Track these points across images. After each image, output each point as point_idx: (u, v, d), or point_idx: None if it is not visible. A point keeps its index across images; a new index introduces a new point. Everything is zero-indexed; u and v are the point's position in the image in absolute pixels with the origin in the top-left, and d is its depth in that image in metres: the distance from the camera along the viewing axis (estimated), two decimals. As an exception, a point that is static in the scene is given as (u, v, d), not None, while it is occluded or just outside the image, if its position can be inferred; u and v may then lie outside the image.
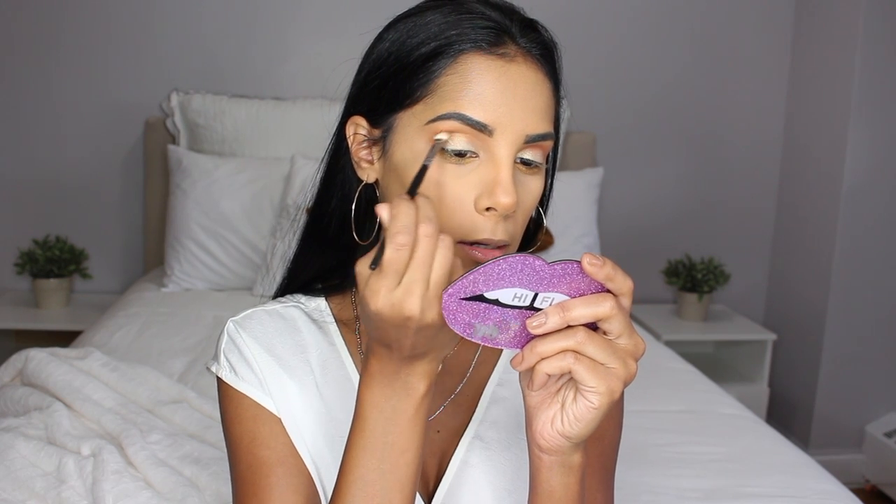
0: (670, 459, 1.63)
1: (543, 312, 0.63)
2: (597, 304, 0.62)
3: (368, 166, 0.78)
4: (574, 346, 0.62)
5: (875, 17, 2.67)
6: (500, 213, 0.70)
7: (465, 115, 0.70)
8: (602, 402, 0.63)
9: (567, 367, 0.62)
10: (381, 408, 0.67)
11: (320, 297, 0.87)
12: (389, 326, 0.62)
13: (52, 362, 1.64)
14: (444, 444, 0.83)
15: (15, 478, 1.31)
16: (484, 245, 0.71)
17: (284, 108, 2.72)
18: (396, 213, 0.60)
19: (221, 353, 0.82)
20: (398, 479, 0.68)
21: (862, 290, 2.84)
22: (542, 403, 0.67)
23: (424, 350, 0.65)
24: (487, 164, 0.71)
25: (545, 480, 0.69)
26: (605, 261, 0.62)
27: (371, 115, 0.76)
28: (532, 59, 0.73)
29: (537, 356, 0.63)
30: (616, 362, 0.62)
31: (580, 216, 2.72)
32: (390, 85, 0.74)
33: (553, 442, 0.67)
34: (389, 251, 0.60)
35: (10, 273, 2.84)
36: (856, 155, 2.75)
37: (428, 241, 0.60)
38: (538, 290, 0.62)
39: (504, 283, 0.61)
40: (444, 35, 0.72)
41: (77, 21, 2.74)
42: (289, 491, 0.76)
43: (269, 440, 0.78)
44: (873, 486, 2.86)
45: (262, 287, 2.45)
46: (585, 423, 0.64)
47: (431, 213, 0.61)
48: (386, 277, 0.60)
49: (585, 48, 2.95)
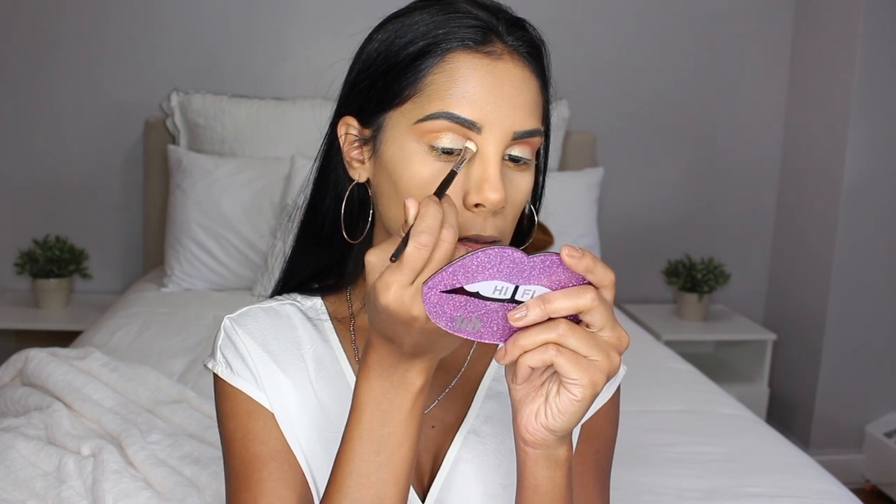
0: (670, 459, 1.63)
1: (524, 305, 0.62)
2: (577, 296, 0.62)
3: (359, 166, 0.78)
4: (556, 339, 0.62)
5: (875, 17, 2.67)
6: (488, 210, 0.71)
7: (453, 114, 0.70)
8: (585, 395, 0.63)
9: (549, 359, 0.62)
10: (379, 400, 0.68)
11: (316, 297, 0.88)
12: (395, 322, 0.63)
13: (52, 362, 1.64)
14: (439, 439, 0.84)
15: (15, 478, 1.31)
16: (474, 241, 0.72)
17: (284, 108, 2.72)
18: (425, 213, 0.61)
19: (218, 350, 0.83)
20: (393, 472, 0.68)
21: (862, 290, 2.84)
22: (527, 397, 0.67)
23: (424, 350, 0.66)
24: (476, 161, 0.71)
25: (531, 474, 0.69)
26: (584, 253, 0.62)
27: (361, 115, 0.77)
28: (519, 56, 0.73)
29: (520, 349, 0.63)
30: (598, 354, 0.62)
31: (580, 216, 2.72)
32: (379, 85, 0.74)
33: (538, 435, 0.66)
34: (411, 248, 0.60)
35: (10, 273, 2.84)
36: (856, 155, 2.75)
37: (447, 247, 0.61)
38: (519, 283, 0.62)
39: (484, 276, 0.61)
40: (432, 34, 0.72)
41: (77, 21, 2.74)
42: (281, 486, 0.77)
43: (263, 435, 0.78)
44: (873, 486, 2.86)
45: (262, 287, 2.45)
46: (569, 416, 0.64)
47: (454, 220, 0.62)
48: (402, 273, 0.61)
49: (585, 48, 2.95)
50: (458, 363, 0.87)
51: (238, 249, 2.55)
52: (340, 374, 0.83)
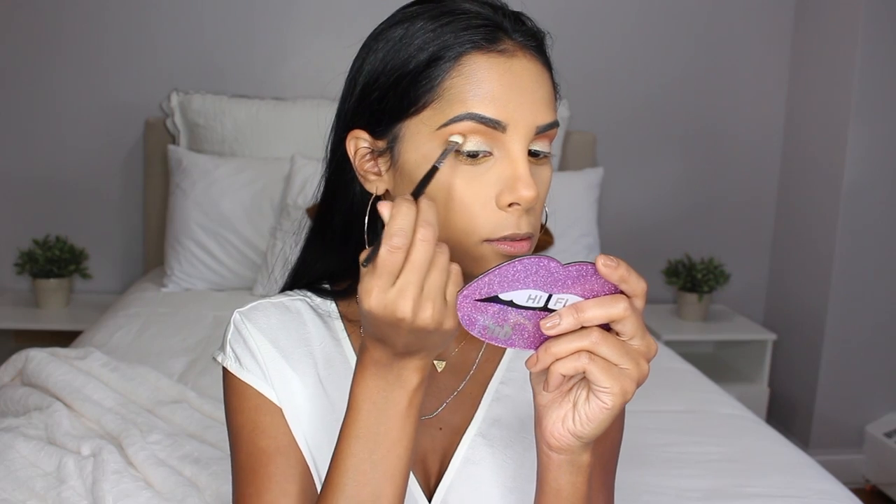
0: (670, 459, 1.63)
1: (557, 313, 0.63)
2: (611, 305, 0.63)
3: (377, 178, 0.77)
4: (588, 347, 0.63)
5: (875, 18, 2.67)
6: (523, 207, 0.71)
7: (478, 115, 0.70)
8: (615, 403, 0.64)
9: (582, 367, 0.63)
10: (374, 399, 0.68)
11: (328, 298, 0.88)
12: (382, 325, 0.63)
13: (52, 362, 1.64)
14: (446, 442, 0.84)
15: (15, 478, 1.31)
16: (510, 240, 0.72)
17: (284, 108, 2.72)
18: (396, 214, 0.61)
19: (227, 344, 0.83)
20: (389, 471, 0.69)
21: (862, 290, 2.84)
22: (553, 402, 0.68)
23: (417, 349, 0.66)
24: (503, 160, 0.72)
25: (553, 479, 0.70)
26: (619, 262, 0.62)
27: (373, 128, 0.76)
28: (529, 51, 0.74)
29: (552, 356, 0.64)
30: (629, 363, 0.63)
31: (580, 216, 2.72)
32: (391, 95, 0.74)
33: (564, 441, 0.67)
34: (383, 251, 0.60)
35: (10, 273, 2.84)
36: (856, 155, 2.75)
37: (425, 246, 0.61)
38: (552, 292, 0.63)
39: (519, 285, 0.62)
40: (440, 39, 0.72)
41: (77, 21, 2.74)
42: (286, 481, 0.77)
43: (271, 430, 0.79)
44: (873, 486, 2.86)
45: (262, 287, 2.46)
46: (597, 423, 0.65)
47: (432, 218, 0.62)
48: (379, 277, 0.61)
49: (586, 48, 2.95)
50: (467, 366, 0.87)
51: (238, 249, 2.55)
52: (349, 371, 0.83)
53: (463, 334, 0.86)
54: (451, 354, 0.86)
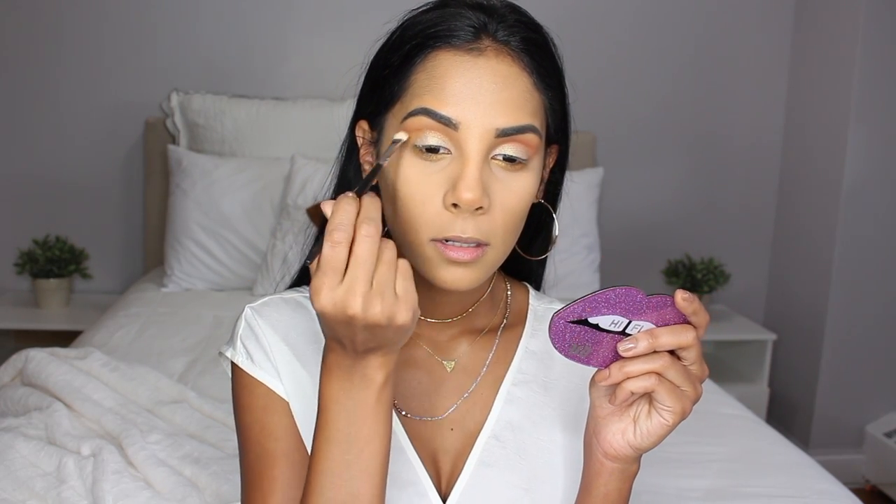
0: (670, 459, 1.63)
1: (634, 338, 0.69)
2: (681, 333, 0.69)
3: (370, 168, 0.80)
4: (659, 370, 0.69)
5: (875, 17, 2.67)
6: (464, 210, 0.70)
7: (430, 110, 0.71)
8: (675, 420, 0.71)
9: (651, 387, 0.69)
10: (342, 401, 0.68)
11: None
12: (336, 324, 0.63)
13: (52, 362, 1.64)
14: (458, 443, 0.84)
15: (15, 478, 1.31)
16: (455, 242, 0.71)
17: (284, 108, 2.72)
18: (336, 210, 0.62)
19: (238, 339, 0.82)
20: (364, 469, 0.69)
21: (862, 290, 2.84)
22: (613, 416, 0.74)
23: (375, 346, 0.66)
24: (458, 160, 0.72)
25: (604, 484, 0.76)
26: (694, 297, 0.68)
27: (370, 119, 0.79)
28: (507, 52, 0.73)
29: (624, 375, 0.69)
30: (689, 386, 0.70)
31: (580, 216, 2.72)
32: (378, 88, 0.76)
33: (621, 451, 0.74)
34: (326, 248, 0.61)
35: (10, 273, 2.84)
36: (856, 155, 2.75)
37: (367, 241, 0.61)
38: (632, 318, 0.69)
39: (607, 311, 0.68)
40: (422, 35, 0.73)
41: (77, 21, 2.74)
42: (292, 486, 0.77)
43: (278, 431, 0.79)
44: (873, 486, 2.86)
45: (262, 287, 2.46)
46: (656, 438, 0.73)
47: (374, 214, 0.62)
48: (325, 275, 0.62)
49: (586, 48, 2.95)
50: (477, 368, 0.87)
51: (238, 249, 2.55)
52: None
53: (471, 335, 0.87)
54: (460, 355, 0.86)
